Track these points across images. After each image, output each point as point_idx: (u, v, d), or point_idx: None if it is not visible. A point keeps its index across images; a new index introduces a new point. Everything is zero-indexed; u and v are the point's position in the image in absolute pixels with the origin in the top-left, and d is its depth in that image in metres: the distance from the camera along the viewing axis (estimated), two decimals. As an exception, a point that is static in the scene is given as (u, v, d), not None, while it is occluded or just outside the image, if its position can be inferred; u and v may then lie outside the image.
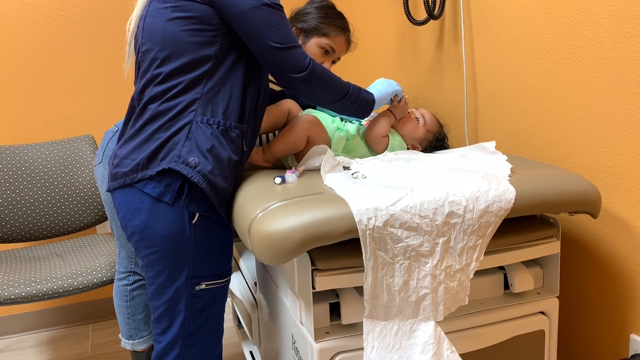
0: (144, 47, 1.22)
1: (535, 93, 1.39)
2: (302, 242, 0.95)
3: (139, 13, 1.27)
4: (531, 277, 1.18)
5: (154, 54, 1.19)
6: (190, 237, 1.18)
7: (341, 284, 1.04)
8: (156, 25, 1.19)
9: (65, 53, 2.33)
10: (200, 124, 1.16)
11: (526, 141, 1.44)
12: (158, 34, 1.18)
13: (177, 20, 1.17)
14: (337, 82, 1.27)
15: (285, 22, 1.19)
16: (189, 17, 1.16)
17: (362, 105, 1.34)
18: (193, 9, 1.16)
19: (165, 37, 1.17)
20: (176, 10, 1.17)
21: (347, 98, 1.30)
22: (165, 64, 1.18)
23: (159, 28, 1.18)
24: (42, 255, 2.10)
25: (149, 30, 1.20)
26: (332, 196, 1.04)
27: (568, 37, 1.27)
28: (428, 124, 1.49)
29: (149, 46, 1.20)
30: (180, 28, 1.17)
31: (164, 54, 1.18)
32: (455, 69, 1.69)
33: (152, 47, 1.19)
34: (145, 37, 1.21)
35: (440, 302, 1.04)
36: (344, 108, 1.32)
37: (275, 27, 1.17)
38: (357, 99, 1.32)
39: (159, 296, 1.22)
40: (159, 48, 1.18)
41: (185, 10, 1.16)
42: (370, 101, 1.35)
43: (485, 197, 1.04)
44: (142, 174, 1.16)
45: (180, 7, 1.17)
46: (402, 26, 1.96)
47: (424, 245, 1.02)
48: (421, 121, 1.49)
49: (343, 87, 1.29)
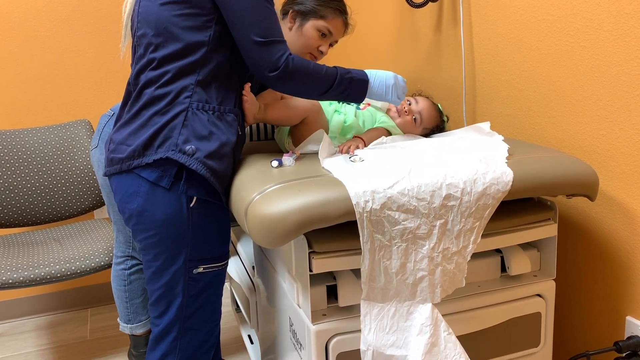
0: (139, 32, 1.21)
1: (534, 76, 1.38)
2: (298, 224, 0.95)
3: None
4: (528, 260, 1.19)
5: (149, 39, 1.18)
6: (188, 220, 1.18)
7: (338, 266, 1.04)
8: (150, 9, 1.18)
9: (61, 37, 2.30)
10: (197, 110, 1.16)
11: (524, 124, 1.44)
12: (152, 18, 1.17)
13: (170, 4, 1.16)
14: (320, 76, 1.21)
15: (270, 13, 1.17)
16: (182, 2, 1.16)
17: (352, 90, 1.27)
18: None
19: (159, 22, 1.16)
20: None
21: (335, 88, 1.24)
22: (159, 49, 1.17)
23: (153, 12, 1.17)
24: (40, 240, 2.10)
25: (143, 14, 1.19)
26: (329, 179, 1.04)
27: (567, 19, 1.26)
28: (425, 122, 1.46)
29: (143, 31, 1.19)
30: (173, 13, 1.16)
31: (158, 39, 1.17)
32: (454, 51, 1.68)
33: (147, 32, 1.18)
34: (140, 21, 1.20)
35: (438, 284, 1.04)
36: (332, 98, 1.27)
37: (257, 19, 1.15)
38: (347, 86, 1.25)
39: (157, 279, 1.22)
40: (153, 33, 1.17)
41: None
42: (361, 90, 1.27)
43: (483, 180, 1.04)
44: (138, 161, 1.15)
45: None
46: (400, 9, 1.95)
47: (421, 227, 1.02)
48: (418, 120, 1.46)
49: (328, 80, 1.22)
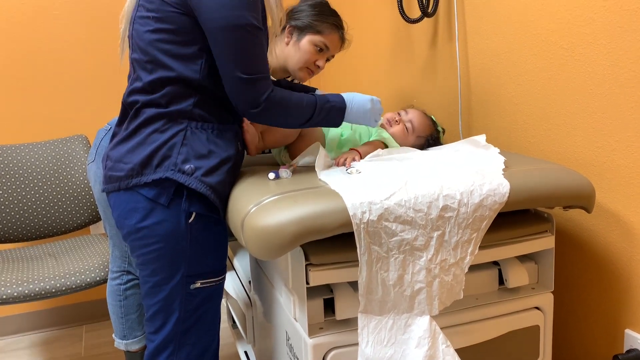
0: (133, 55, 1.20)
1: (529, 89, 1.39)
2: (295, 236, 0.95)
3: (129, 14, 1.24)
4: (526, 272, 1.18)
5: (142, 64, 1.17)
6: (186, 236, 1.17)
7: (335, 278, 1.04)
8: (142, 34, 1.16)
9: (58, 53, 2.32)
10: (195, 129, 1.16)
11: (520, 137, 1.44)
12: (144, 44, 1.16)
13: (160, 32, 1.14)
14: (298, 110, 1.19)
15: (256, 48, 1.12)
16: (172, 30, 1.13)
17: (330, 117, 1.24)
18: (174, 21, 1.13)
19: (151, 49, 1.15)
20: (159, 22, 1.14)
21: (314, 118, 1.22)
22: (153, 74, 1.15)
23: (145, 38, 1.16)
24: (35, 255, 2.09)
25: (136, 38, 1.18)
26: (326, 190, 1.04)
27: (561, 33, 1.28)
28: (417, 130, 1.46)
29: (137, 56, 1.18)
30: (164, 40, 1.14)
31: (151, 65, 1.15)
32: (449, 66, 1.69)
33: (141, 58, 1.17)
34: (134, 45, 1.19)
35: (435, 296, 1.04)
36: (311, 126, 1.25)
37: (241, 54, 1.10)
38: (323, 118, 1.23)
39: (154, 294, 1.21)
40: (147, 59, 1.16)
41: (168, 21, 1.13)
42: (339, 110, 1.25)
43: (480, 191, 1.04)
44: (137, 180, 1.15)
45: (162, 19, 1.13)
46: (396, 24, 1.97)
47: (418, 239, 1.01)
48: (409, 128, 1.46)
49: (306, 111, 1.20)
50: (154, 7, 1.14)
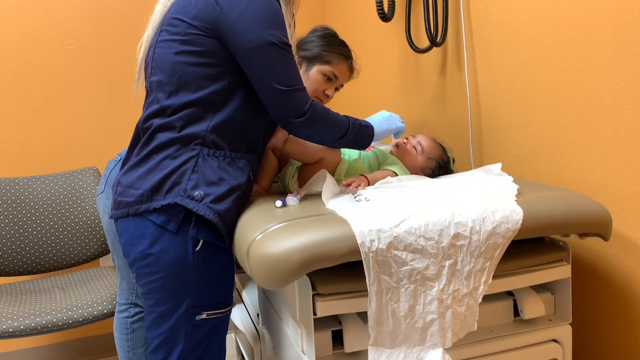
0: (152, 78, 1.21)
1: (540, 116, 1.37)
2: (301, 264, 0.92)
3: (149, 41, 1.26)
4: (542, 302, 1.14)
5: (162, 86, 1.18)
6: (193, 264, 1.15)
7: (344, 309, 1.01)
8: (165, 57, 1.18)
9: (71, 86, 2.35)
10: (207, 156, 1.15)
11: (532, 165, 1.42)
12: (166, 66, 1.17)
13: (185, 54, 1.15)
14: (337, 123, 1.24)
15: (291, 63, 1.17)
16: (197, 52, 1.15)
17: (360, 140, 1.31)
18: (201, 43, 1.15)
19: (174, 71, 1.16)
20: (184, 44, 1.16)
21: (347, 136, 1.27)
22: (173, 97, 1.16)
23: (168, 61, 1.17)
24: (43, 288, 2.07)
25: (158, 61, 1.19)
26: (333, 217, 1.02)
27: (572, 59, 1.26)
28: (426, 151, 1.44)
29: (157, 77, 1.19)
30: (188, 62, 1.15)
31: (172, 87, 1.16)
32: (459, 95, 1.68)
33: (161, 79, 1.18)
34: (155, 67, 1.20)
35: (448, 327, 1.00)
36: (342, 145, 1.30)
37: (279, 69, 1.14)
38: (356, 134, 1.29)
39: (158, 325, 1.19)
40: (167, 81, 1.17)
41: (194, 44, 1.15)
42: (369, 135, 1.32)
43: (492, 218, 1.01)
44: (146, 206, 1.14)
45: (188, 41, 1.15)
46: (404, 54, 1.97)
47: (429, 268, 0.98)
48: (418, 149, 1.44)
49: (342, 127, 1.26)
50: (180, 31, 1.16)
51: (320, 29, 1.65)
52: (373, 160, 1.44)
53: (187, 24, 1.15)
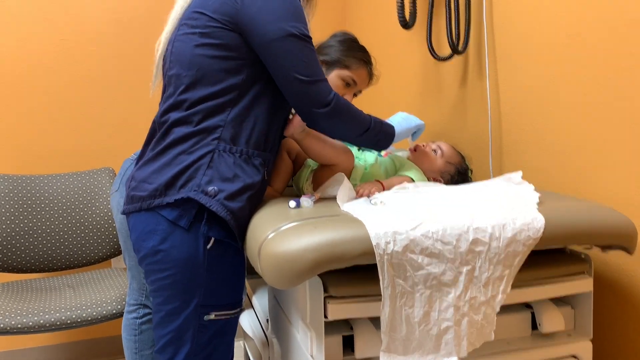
0: (170, 71, 1.20)
1: (564, 127, 1.34)
2: (313, 263, 0.90)
3: (168, 36, 1.26)
4: (561, 316, 1.10)
5: (181, 79, 1.17)
6: (204, 262, 1.13)
7: (355, 313, 0.98)
8: (184, 50, 1.17)
9: (91, 86, 2.36)
10: (223, 152, 1.14)
11: (554, 176, 1.38)
12: (185, 59, 1.17)
13: (205, 46, 1.15)
14: (359, 118, 1.24)
15: (312, 54, 1.16)
16: (217, 45, 1.15)
17: (381, 139, 1.30)
18: (221, 36, 1.14)
19: (193, 63, 1.16)
20: (204, 37, 1.15)
21: (369, 133, 1.26)
22: (190, 90, 1.16)
23: (187, 53, 1.17)
24: (54, 286, 2.06)
25: (177, 54, 1.19)
26: (347, 218, 0.99)
27: (599, 69, 1.23)
28: (446, 155, 1.43)
29: (175, 71, 1.18)
30: (207, 55, 1.15)
31: (190, 79, 1.16)
32: (480, 104, 1.65)
33: (179, 72, 1.17)
34: (173, 61, 1.20)
35: (464, 336, 0.97)
36: (363, 143, 1.28)
37: (301, 60, 1.14)
38: (377, 133, 1.28)
39: (166, 324, 1.16)
40: (186, 74, 1.16)
41: (214, 37, 1.15)
42: (390, 135, 1.31)
43: (513, 225, 0.98)
44: (159, 200, 1.13)
45: (208, 34, 1.15)
46: (425, 61, 1.95)
47: (446, 273, 0.95)
48: (438, 153, 1.43)
49: (364, 122, 1.25)
50: (200, 24, 1.16)
51: (340, 34, 1.64)
52: (390, 166, 1.42)
53: (207, 17, 1.15)
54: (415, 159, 1.44)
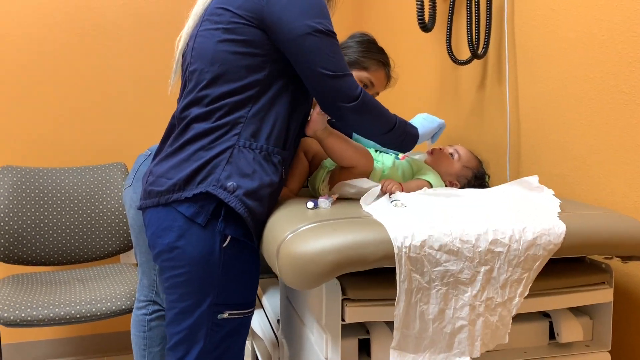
0: (192, 67, 1.19)
1: (585, 134, 1.32)
2: (334, 265, 0.89)
3: (189, 31, 1.25)
4: (580, 326, 1.08)
5: (202, 74, 1.16)
6: (219, 260, 1.12)
7: (373, 317, 0.97)
8: (206, 46, 1.17)
9: (105, 81, 2.37)
10: (243, 148, 1.13)
11: (574, 184, 1.36)
12: (208, 55, 1.16)
13: (228, 42, 1.15)
14: (386, 115, 1.23)
15: (337, 49, 1.16)
16: (240, 41, 1.14)
17: (406, 139, 1.29)
18: (245, 32, 1.14)
19: (215, 59, 1.15)
20: (227, 32, 1.15)
21: (394, 131, 1.25)
22: (212, 86, 1.15)
23: (209, 49, 1.16)
24: (64, 279, 2.06)
25: (198, 50, 1.18)
26: (368, 220, 0.98)
27: (622, 77, 1.21)
28: (463, 159, 1.42)
29: (197, 66, 1.18)
30: (230, 51, 1.14)
31: (211, 75, 1.15)
32: (498, 110, 1.64)
33: (201, 68, 1.17)
34: (195, 56, 1.19)
35: (478, 336, 0.95)
36: (388, 141, 1.28)
37: (327, 55, 1.13)
38: (402, 132, 1.27)
39: (179, 322, 1.16)
40: (208, 69, 1.16)
41: (237, 33, 1.14)
42: (414, 135, 1.31)
43: (533, 229, 0.97)
44: (177, 195, 1.12)
45: (232, 30, 1.14)
46: (443, 65, 1.94)
47: (464, 272, 0.94)
48: (455, 156, 1.42)
49: (391, 120, 1.24)
50: (224, 20, 1.15)
51: (358, 35, 1.63)
52: (407, 169, 1.40)
53: (231, 13, 1.14)
54: (432, 161, 1.43)
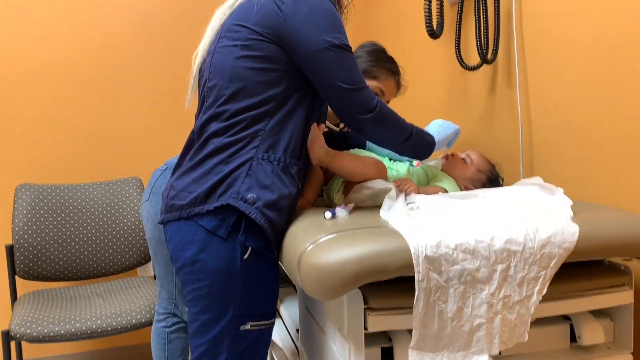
0: (210, 83, 1.22)
1: (597, 137, 1.33)
2: (355, 275, 0.90)
3: (206, 47, 1.27)
4: (601, 328, 1.09)
5: (221, 90, 1.18)
6: (241, 272, 1.14)
7: (395, 325, 0.98)
8: (224, 62, 1.19)
9: (119, 97, 2.40)
10: (262, 160, 1.15)
11: (588, 187, 1.37)
12: (226, 71, 1.18)
13: (246, 58, 1.16)
14: (402, 124, 1.25)
15: (354, 62, 1.18)
16: (258, 57, 1.16)
17: (423, 147, 1.31)
18: (262, 48, 1.16)
19: (233, 75, 1.17)
20: (245, 49, 1.17)
21: (411, 140, 1.27)
22: (230, 102, 1.17)
23: (227, 65, 1.18)
24: (83, 294, 2.09)
25: (216, 66, 1.20)
26: (387, 230, 0.99)
27: (633, 77, 1.22)
28: (476, 163, 1.45)
29: (215, 82, 1.20)
30: (248, 67, 1.16)
31: (230, 91, 1.17)
32: (509, 114, 1.64)
33: (219, 84, 1.19)
34: (213, 72, 1.21)
35: (496, 334, 0.96)
36: (406, 150, 1.30)
37: (344, 69, 1.16)
38: (419, 140, 1.30)
39: (202, 334, 1.17)
40: (226, 85, 1.18)
41: (255, 49, 1.16)
42: (430, 144, 1.33)
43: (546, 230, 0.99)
44: (199, 208, 1.14)
45: (249, 46, 1.16)
46: (452, 71, 1.95)
47: (481, 270, 0.95)
48: (468, 161, 1.46)
49: (407, 129, 1.27)
50: (241, 36, 1.17)
51: (368, 45, 1.65)
52: (422, 176, 1.42)
53: (249, 30, 1.16)
54: (446, 167, 1.44)
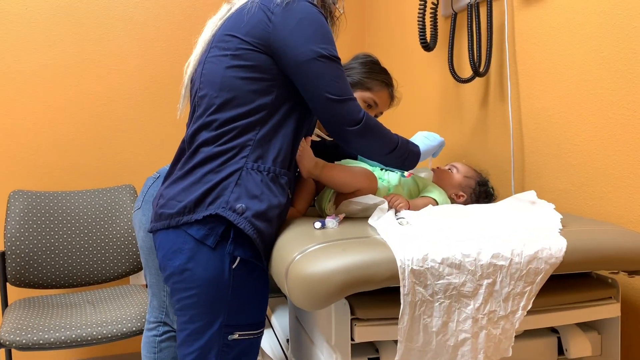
0: (201, 92, 1.22)
1: (587, 150, 1.34)
2: (342, 285, 0.90)
3: (198, 58, 1.29)
4: (588, 341, 1.09)
5: (211, 99, 1.19)
6: (229, 282, 1.14)
7: (382, 336, 0.98)
8: (215, 71, 1.20)
9: (112, 105, 2.40)
10: (251, 170, 1.15)
11: (577, 199, 1.38)
12: (216, 80, 1.19)
13: (236, 68, 1.18)
14: (388, 136, 1.26)
15: (342, 74, 1.19)
16: (248, 66, 1.17)
17: (409, 157, 1.31)
18: (252, 58, 1.17)
19: (223, 85, 1.18)
20: (235, 59, 1.18)
21: (397, 151, 1.28)
22: (220, 111, 1.18)
23: (218, 75, 1.19)
24: (74, 302, 2.08)
25: (207, 76, 1.21)
26: (375, 240, 1.00)
27: (622, 92, 1.23)
28: (462, 171, 1.47)
29: (206, 91, 1.21)
30: (238, 76, 1.17)
31: (220, 100, 1.18)
32: (501, 126, 1.66)
33: (209, 93, 1.20)
34: (203, 82, 1.22)
35: (481, 349, 0.96)
36: (391, 161, 1.30)
37: (331, 79, 1.16)
38: (405, 151, 1.30)
39: (190, 343, 1.17)
40: (216, 94, 1.18)
41: (245, 58, 1.17)
42: (416, 154, 1.33)
43: (533, 245, 0.99)
44: (187, 217, 1.14)
45: (239, 56, 1.17)
46: (445, 83, 1.96)
47: (466, 285, 0.95)
48: (454, 170, 1.47)
49: (393, 140, 1.27)
50: (231, 46, 1.18)
51: (362, 56, 1.66)
52: (412, 187, 1.42)
53: (239, 40, 1.17)
54: (434, 179, 1.45)
